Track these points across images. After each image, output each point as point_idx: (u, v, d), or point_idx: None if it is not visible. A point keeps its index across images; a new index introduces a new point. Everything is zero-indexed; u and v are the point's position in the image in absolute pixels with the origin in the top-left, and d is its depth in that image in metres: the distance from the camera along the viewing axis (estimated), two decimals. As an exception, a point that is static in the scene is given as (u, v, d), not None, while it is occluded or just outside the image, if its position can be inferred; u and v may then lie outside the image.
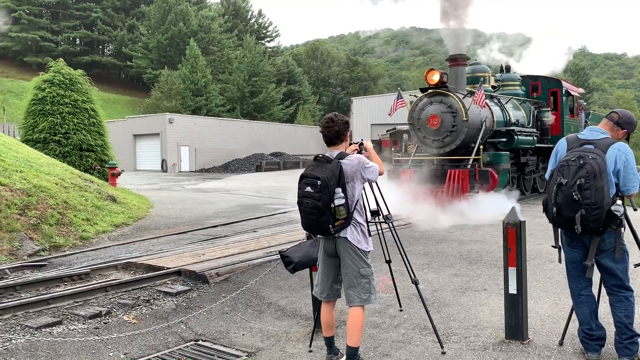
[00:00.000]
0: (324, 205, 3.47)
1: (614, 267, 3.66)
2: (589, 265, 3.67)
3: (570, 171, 3.55)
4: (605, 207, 3.45)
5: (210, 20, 67.63)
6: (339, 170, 3.54)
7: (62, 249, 8.70)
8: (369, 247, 3.72)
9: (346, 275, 3.70)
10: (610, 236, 3.61)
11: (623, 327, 3.66)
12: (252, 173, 35.03)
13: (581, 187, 3.47)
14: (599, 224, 3.48)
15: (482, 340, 4.27)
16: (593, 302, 3.84)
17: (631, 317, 3.67)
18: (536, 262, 6.80)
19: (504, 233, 4.15)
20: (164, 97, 50.85)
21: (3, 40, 66.56)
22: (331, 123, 3.75)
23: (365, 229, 3.73)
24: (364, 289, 3.65)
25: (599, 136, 3.71)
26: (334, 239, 3.70)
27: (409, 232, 9.26)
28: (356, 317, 3.64)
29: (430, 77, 11.89)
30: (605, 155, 3.56)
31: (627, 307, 3.66)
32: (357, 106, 53.62)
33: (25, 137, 15.49)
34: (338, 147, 3.79)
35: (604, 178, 3.46)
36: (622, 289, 3.69)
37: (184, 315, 5.19)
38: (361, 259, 3.67)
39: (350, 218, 3.59)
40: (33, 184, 9.83)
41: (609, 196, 3.50)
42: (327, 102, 73.68)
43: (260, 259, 7.12)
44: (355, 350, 3.66)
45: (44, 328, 4.75)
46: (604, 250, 3.64)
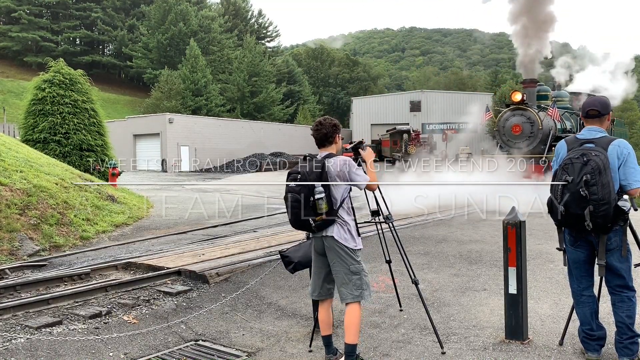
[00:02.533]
0: (304, 198, 3.62)
1: (619, 266, 3.65)
2: (602, 265, 3.64)
3: (575, 169, 3.56)
4: (613, 203, 3.46)
5: (210, 20, 67.60)
6: (322, 168, 3.67)
7: (62, 249, 8.70)
8: (357, 245, 3.78)
9: (337, 274, 3.76)
10: (616, 235, 3.61)
11: (624, 327, 3.66)
12: (252, 173, 35.03)
13: (587, 183, 3.48)
14: (608, 220, 3.48)
15: (482, 340, 4.27)
16: (594, 303, 3.84)
17: (633, 317, 3.66)
18: (536, 262, 6.79)
19: (504, 233, 4.15)
20: (164, 97, 50.83)
21: (3, 40, 66.54)
22: (319, 126, 3.88)
23: (352, 227, 3.79)
24: (355, 285, 3.71)
25: (597, 135, 3.72)
26: (322, 238, 3.77)
27: (409, 232, 9.27)
28: (351, 314, 3.71)
29: (514, 97, 15.89)
30: (607, 152, 3.56)
31: (630, 307, 3.66)
32: (357, 106, 53.62)
33: (25, 137, 15.49)
34: (327, 148, 3.89)
35: (608, 174, 3.48)
36: (625, 289, 3.68)
37: (184, 315, 5.20)
38: (349, 257, 3.73)
39: (333, 215, 3.68)
40: (33, 184, 9.83)
41: (615, 192, 3.51)
42: (327, 102, 73.68)
43: (260, 259, 7.12)
44: (353, 347, 3.71)
45: (44, 328, 4.75)
46: (610, 249, 3.63)
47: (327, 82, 77.53)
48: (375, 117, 52.13)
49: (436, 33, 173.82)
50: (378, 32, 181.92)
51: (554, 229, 3.95)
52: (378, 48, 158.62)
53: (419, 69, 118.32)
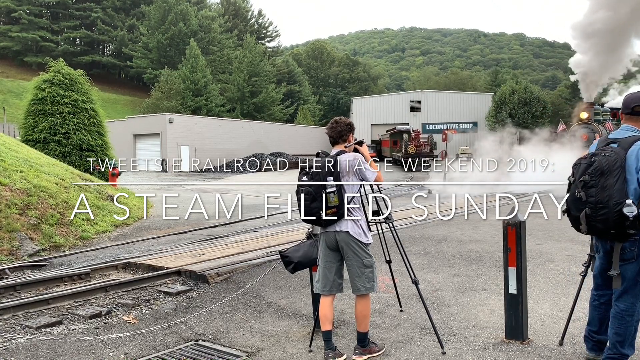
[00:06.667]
0: (315, 191, 3.79)
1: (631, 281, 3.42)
2: (615, 275, 3.40)
3: (580, 169, 3.42)
4: (613, 208, 3.21)
5: (210, 20, 67.65)
6: (334, 163, 3.84)
7: (62, 249, 8.70)
8: (369, 239, 3.98)
9: (351, 267, 3.94)
10: (632, 245, 3.33)
11: (611, 342, 3.53)
12: (252, 173, 35.02)
13: (586, 185, 3.32)
14: (608, 225, 3.26)
15: (482, 340, 4.27)
16: (607, 310, 3.65)
17: (622, 336, 3.46)
18: (536, 262, 6.79)
19: (504, 233, 4.15)
20: (164, 97, 50.85)
21: (3, 40, 66.54)
22: (335, 124, 4.09)
23: (364, 223, 3.98)
24: (368, 278, 3.93)
25: (626, 134, 3.47)
26: (334, 233, 3.91)
27: (409, 232, 9.27)
28: (364, 305, 3.96)
29: (581, 115, 20.74)
30: (626, 153, 3.30)
31: (621, 325, 3.46)
32: (357, 106, 53.66)
33: (25, 137, 15.48)
34: (340, 146, 4.06)
35: (614, 176, 3.24)
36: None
37: (184, 315, 5.19)
38: (363, 251, 3.92)
39: (342, 209, 3.82)
40: (33, 184, 9.83)
41: (623, 196, 3.22)
42: (327, 102, 73.67)
43: (260, 259, 7.12)
44: (365, 335, 4.00)
45: (44, 328, 4.75)
46: (624, 259, 3.37)
47: (327, 82, 77.56)
48: (375, 117, 52.16)
49: (436, 33, 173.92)
50: (378, 32, 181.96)
51: (554, 229, 3.96)
52: (378, 48, 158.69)
53: (419, 69, 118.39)
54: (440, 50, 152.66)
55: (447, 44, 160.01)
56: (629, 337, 3.47)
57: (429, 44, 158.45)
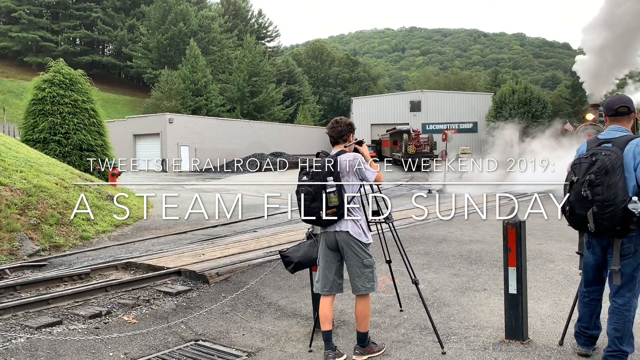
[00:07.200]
0: (315, 191, 3.80)
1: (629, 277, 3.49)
2: (616, 271, 3.46)
3: (582, 168, 3.47)
4: (620, 205, 3.29)
5: (210, 20, 67.65)
6: (334, 163, 3.84)
7: (62, 249, 8.70)
8: (369, 239, 3.98)
9: (351, 267, 3.94)
10: (630, 241, 3.43)
11: (610, 339, 3.56)
12: (252, 173, 35.02)
13: (592, 184, 3.37)
14: (614, 223, 3.33)
15: (482, 340, 4.27)
16: (597, 306, 3.77)
17: (620, 331, 3.52)
18: (536, 262, 6.79)
19: (504, 233, 4.15)
20: (164, 97, 50.85)
21: (3, 40, 66.54)
22: (335, 124, 4.10)
23: (364, 223, 3.98)
24: (368, 278, 3.93)
25: (617, 134, 3.57)
26: (334, 233, 3.90)
27: (409, 232, 9.27)
28: (364, 305, 3.96)
29: (587, 117, 20.91)
30: (622, 152, 3.40)
31: (619, 320, 3.51)
32: (357, 106, 53.66)
33: (25, 137, 15.48)
34: (340, 146, 4.06)
35: (617, 174, 3.33)
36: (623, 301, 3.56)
37: (184, 315, 5.19)
38: (363, 251, 3.92)
39: (342, 209, 3.82)
40: (33, 184, 9.83)
41: (626, 194, 3.32)
42: (327, 102, 73.67)
43: (260, 259, 7.12)
44: (365, 334, 4.00)
45: (44, 328, 4.75)
46: (622, 255, 3.46)
47: (327, 82, 77.57)
48: (375, 117, 52.17)
49: (436, 33, 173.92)
50: (378, 32, 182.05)
51: (554, 229, 3.96)
52: (378, 48, 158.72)
53: (419, 69, 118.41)
54: (440, 50, 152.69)
55: (447, 44, 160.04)
56: (627, 333, 3.54)
57: (429, 44, 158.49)
